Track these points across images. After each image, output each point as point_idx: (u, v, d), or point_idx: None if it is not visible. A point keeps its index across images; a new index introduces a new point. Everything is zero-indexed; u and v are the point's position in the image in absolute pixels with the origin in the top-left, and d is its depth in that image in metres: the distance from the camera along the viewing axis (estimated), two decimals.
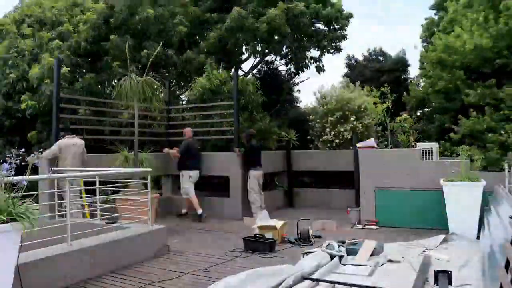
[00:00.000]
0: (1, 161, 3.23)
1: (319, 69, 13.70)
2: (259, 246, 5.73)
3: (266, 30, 11.35)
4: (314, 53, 13.83)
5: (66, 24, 11.21)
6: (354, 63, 19.83)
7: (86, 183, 6.57)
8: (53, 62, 9.28)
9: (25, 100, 9.86)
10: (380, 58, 19.37)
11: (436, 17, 15.39)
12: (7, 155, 3.25)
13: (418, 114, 12.95)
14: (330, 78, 39.81)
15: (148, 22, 11.03)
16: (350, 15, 13.20)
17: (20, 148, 3.47)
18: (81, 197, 6.57)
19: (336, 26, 13.00)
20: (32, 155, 3.49)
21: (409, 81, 17.85)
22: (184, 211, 8.64)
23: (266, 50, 13.07)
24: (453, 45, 10.43)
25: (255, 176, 8.45)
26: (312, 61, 13.76)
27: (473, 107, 9.78)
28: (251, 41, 11.75)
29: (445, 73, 10.59)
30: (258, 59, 14.22)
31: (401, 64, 18.13)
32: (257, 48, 12.22)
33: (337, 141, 9.80)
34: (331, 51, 13.49)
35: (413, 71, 18.83)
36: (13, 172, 3.20)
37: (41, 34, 11.12)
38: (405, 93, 13.28)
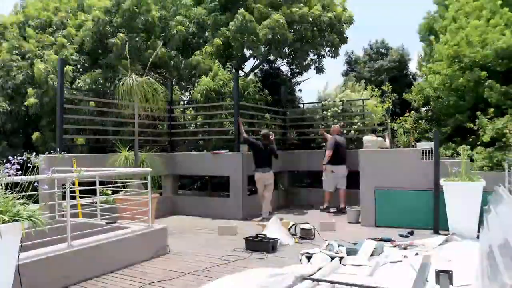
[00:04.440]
0: (5, 162, 3.25)
1: (319, 71, 13.75)
2: (261, 246, 5.73)
3: (268, 33, 11.40)
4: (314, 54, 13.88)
5: (69, 27, 11.24)
6: (354, 60, 19.74)
7: (86, 183, 6.56)
8: (57, 59, 9.29)
9: (30, 95, 9.85)
10: (382, 50, 19.19)
11: (436, 14, 15.21)
12: (18, 156, 3.27)
13: (423, 112, 12.67)
14: (331, 76, 39.74)
15: (153, 23, 11.06)
16: (351, 19, 13.19)
17: (24, 150, 3.50)
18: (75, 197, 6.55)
19: (336, 29, 13.01)
20: (39, 156, 3.51)
21: (411, 76, 17.75)
22: (341, 206, 8.96)
23: (267, 51, 13.11)
24: (472, 39, 10.16)
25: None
26: (311, 63, 13.81)
27: (490, 106, 9.54)
28: (254, 44, 11.80)
29: (464, 72, 10.25)
30: (259, 59, 14.25)
31: (403, 61, 18.00)
32: (260, 51, 12.26)
33: None
34: (331, 56, 13.52)
35: (414, 67, 18.60)
36: (19, 173, 3.22)
37: (43, 37, 11.15)
38: (406, 89, 13.12)
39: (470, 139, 9.51)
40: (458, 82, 10.36)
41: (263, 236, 5.92)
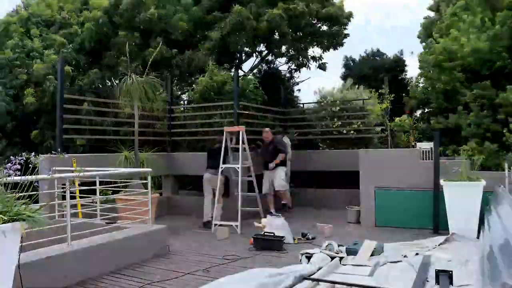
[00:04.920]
0: (6, 161, 3.25)
1: (322, 67, 13.72)
2: (271, 244, 5.77)
3: (266, 29, 11.39)
4: (315, 50, 13.91)
5: (75, 26, 11.23)
6: (352, 63, 19.88)
7: (86, 183, 6.56)
8: (56, 59, 9.27)
9: (28, 94, 9.85)
10: (378, 58, 19.39)
11: (434, 17, 15.33)
12: (17, 156, 3.27)
13: (418, 114, 12.85)
14: (329, 78, 39.79)
15: (153, 21, 11.07)
16: (350, 15, 13.21)
17: (23, 148, 3.52)
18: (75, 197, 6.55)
19: (336, 27, 13.01)
20: (39, 157, 3.52)
21: (407, 81, 17.88)
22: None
23: (266, 50, 13.13)
24: (450, 48, 10.43)
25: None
26: (312, 61, 13.81)
27: (470, 107, 9.69)
28: (251, 40, 11.80)
29: (444, 75, 10.56)
30: (258, 58, 14.26)
31: (400, 63, 18.14)
32: (257, 48, 12.28)
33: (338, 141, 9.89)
34: (333, 47, 13.50)
35: (412, 71, 18.85)
36: (18, 173, 3.22)
37: (50, 36, 11.13)
38: (404, 94, 13.28)
39: (463, 139, 9.63)
40: (441, 85, 10.58)
41: (272, 234, 5.91)
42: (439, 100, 10.89)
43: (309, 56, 13.81)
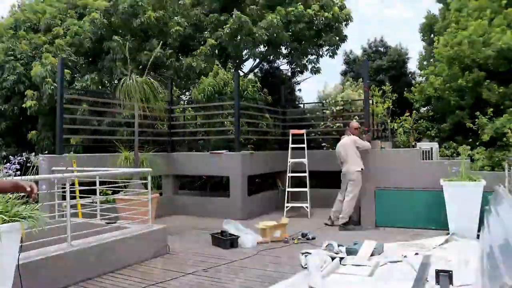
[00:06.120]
0: (4, 161, 3.26)
1: (315, 72, 13.80)
2: (222, 242, 5.94)
3: (264, 36, 11.46)
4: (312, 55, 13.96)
5: (57, 28, 11.26)
6: (352, 60, 19.76)
7: (86, 183, 6.56)
8: (55, 61, 9.26)
9: (28, 97, 9.87)
10: (381, 49, 19.18)
11: (437, 12, 15.16)
12: (16, 156, 3.28)
13: (422, 111, 12.64)
14: (330, 76, 39.52)
15: (150, 23, 11.08)
16: (349, 18, 13.20)
17: (18, 148, 3.53)
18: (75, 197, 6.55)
19: (335, 28, 13.04)
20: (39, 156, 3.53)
21: (411, 76, 17.75)
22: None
23: (266, 51, 13.16)
24: (475, 40, 10.13)
25: None
26: (308, 63, 13.85)
27: (489, 106, 9.52)
28: (251, 45, 11.83)
29: (464, 72, 10.23)
30: (258, 59, 14.28)
31: (401, 60, 18.01)
32: (257, 51, 12.32)
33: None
34: (329, 55, 13.57)
35: (413, 66, 18.51)
36: (18, 173, 3.23)
37: (36, 38, 11.18)
38: (406, 88, 13.12)
39: (471, 139, 9.50)
40: (458, 83, 10.35)
41: (225, 233, 6.10)
42: (454, 97, 10.56)
43: (306, 59, 13.85)
